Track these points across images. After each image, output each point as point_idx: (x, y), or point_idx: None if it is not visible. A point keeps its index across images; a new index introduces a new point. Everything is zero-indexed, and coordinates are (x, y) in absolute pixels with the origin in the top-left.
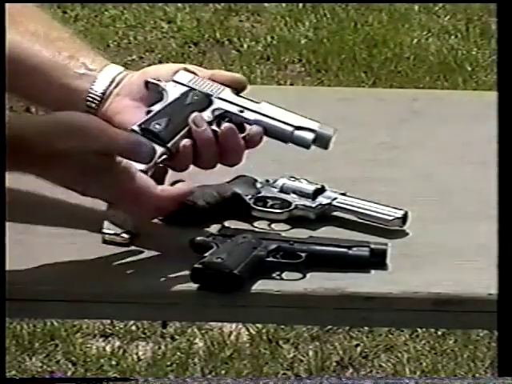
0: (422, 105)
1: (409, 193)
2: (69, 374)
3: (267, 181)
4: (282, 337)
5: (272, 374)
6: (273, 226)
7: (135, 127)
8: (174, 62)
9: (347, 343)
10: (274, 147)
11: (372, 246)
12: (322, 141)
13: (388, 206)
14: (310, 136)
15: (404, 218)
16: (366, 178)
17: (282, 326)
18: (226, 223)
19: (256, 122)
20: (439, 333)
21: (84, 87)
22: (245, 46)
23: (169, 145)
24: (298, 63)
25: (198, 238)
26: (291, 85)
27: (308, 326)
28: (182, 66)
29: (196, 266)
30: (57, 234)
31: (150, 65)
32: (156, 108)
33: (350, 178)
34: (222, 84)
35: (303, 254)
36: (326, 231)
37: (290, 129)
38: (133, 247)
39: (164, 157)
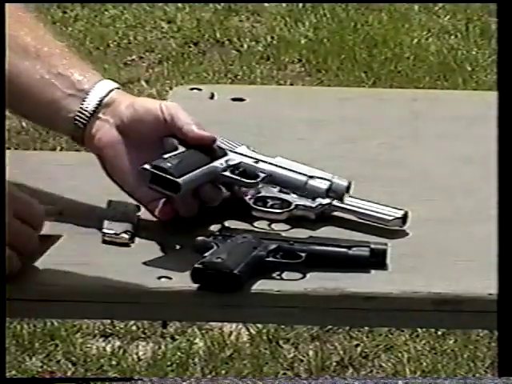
0: (421, 105)
1: (409, 193)
2: (69, 373)
3: None
4: (282, 337)
5: (272, 374)
6: (273, 226)
7: (147, 166)
8: (174, 62)
9: (347, 343)
10: (274, 148)
11: (372, 246)
12: (336, 191)
13: (388, 206)
14: (324, 185)
15: (404, 218)
16: (366, 177)
17: (282, 326)
18: (226, 223)
19: (271, 173)
20: (439, 333)
21: (72, 108)
22: (245, 45)
23: (180, 180)
24: (298, 63)
25: (198, 238)
26: (291, 85)
27: (308, 326)
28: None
29: (196, 266)
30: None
31: (149, 65)
32: (168, 154)
33: (351, 177)
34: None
35: (303, 254)
36: (326, 231)
37: (304, 178)
38: (133, 247)
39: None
